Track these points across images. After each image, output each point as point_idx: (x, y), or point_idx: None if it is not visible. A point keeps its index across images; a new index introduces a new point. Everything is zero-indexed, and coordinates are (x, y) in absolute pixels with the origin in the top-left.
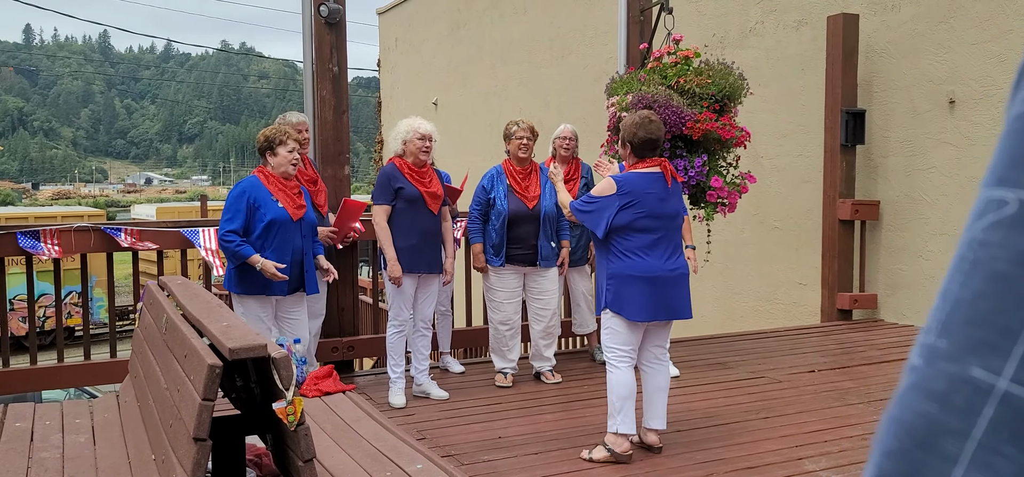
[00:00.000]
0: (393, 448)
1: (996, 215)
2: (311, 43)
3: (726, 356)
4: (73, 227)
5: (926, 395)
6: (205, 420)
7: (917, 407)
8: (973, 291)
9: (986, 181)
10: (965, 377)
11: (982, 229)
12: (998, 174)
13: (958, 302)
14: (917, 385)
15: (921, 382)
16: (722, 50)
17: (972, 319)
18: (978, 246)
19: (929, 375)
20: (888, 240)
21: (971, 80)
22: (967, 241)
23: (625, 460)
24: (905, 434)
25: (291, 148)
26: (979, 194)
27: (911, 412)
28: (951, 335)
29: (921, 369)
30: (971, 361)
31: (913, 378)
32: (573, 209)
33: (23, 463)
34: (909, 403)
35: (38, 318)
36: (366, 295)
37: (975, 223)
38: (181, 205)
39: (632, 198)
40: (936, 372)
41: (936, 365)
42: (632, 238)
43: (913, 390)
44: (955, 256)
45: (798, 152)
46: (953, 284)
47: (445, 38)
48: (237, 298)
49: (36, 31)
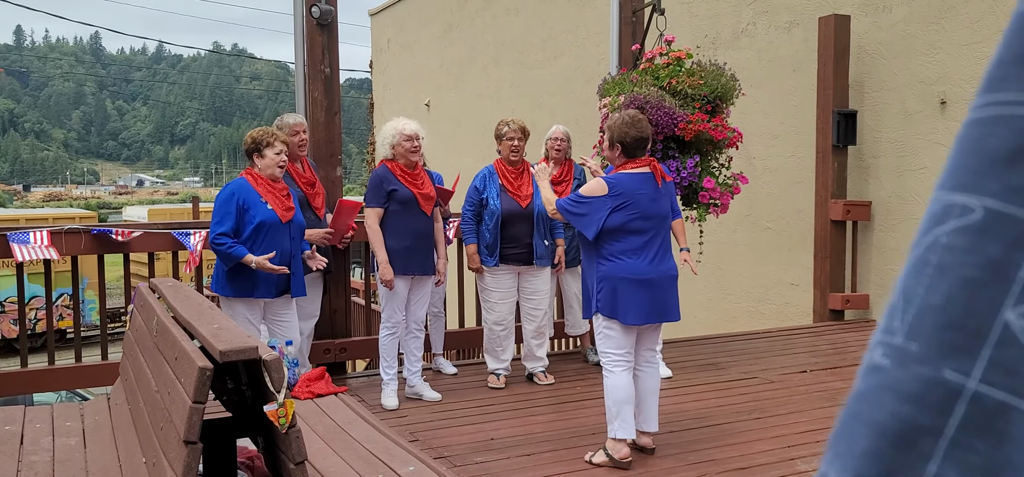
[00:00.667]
0: (385, 450)
1: (960, 221)
2: (303, 44)
3: (718, 357)
4: (64, 229)
5: (900, 397)
6: (196, 423)
7: (892, 408)
8: (943, 296)
9: (944, 184)
10: (938, 380)
11: (946, 234)
12: (958, 179)
13: (927, 306)
14: (889, 386)
15: (893, 384)
16: (714, 51)
17: (943, 323)
18: (943, 251)
19: (902, 377)
20: (880, 241)
21: (962, 81)
22: (929, 244)
23: (624, 466)
24: (881, 435)
25: (278, 150)
26: (935, 196)
27: (886, 413)
28: (922, 339)
29: (891, 371)
30: (944, 364)
31: (881, 379)
32: (560, 209)
33: (13, 466)
34: (882, 404)
35: (29, 320)
36: (358, 297)
37: (936, 227)
38: (173, 206)
39: (625, 199)
40: (909, 375)
41: (908, 368)
42: (623, 240)
43: (884, 391)
44: (913, 258)
45: (790, 153)
46: (916, 286)
47: (437, 39)
48: (225, 301)
49: (27, 32)
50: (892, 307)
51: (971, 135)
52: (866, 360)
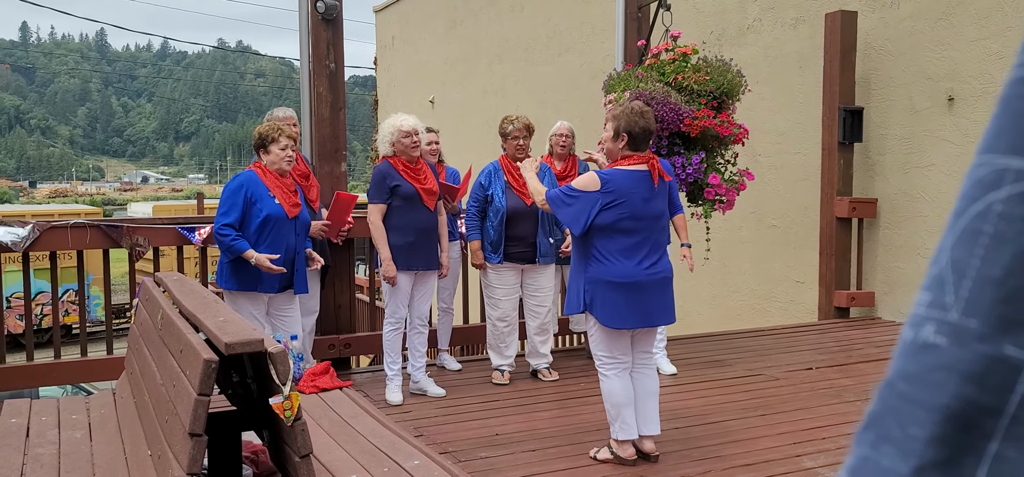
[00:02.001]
0: (390, 444)
1: (1018, 187)
2: (308, 39)
3: (723, 354)
4: (69, 224)
5: (963, 377)
6: (201, 415)
7: (955, 391)
8: (1003, 268)
9: (992, 147)
10: (1000, 357)
11: (1002, 201)
12: (1010, 141)
13: (983, 279)
14: (949, 366)
15: (954, 364)
16: (720, 47)
17: (1003, 298)
18: (999, 219)
19: (961, 357)
20: (886, 238)
21: (970, 77)
22: (981, 212)
23: (628, 462)
24: (947, 420)
25: (284, 146)
26: (984, 161)
27: (949, 396)
28: (981, 315)
29: (948, 349)
30: (1005, 340)
31: (938, 359)
32: (549, 200)
33: (19, 459)
34: (944, 386)
35: (35, 316)
36: (363, 293)
37: (989, 193)
38: (177, 203)
39: (616, 197)
40: (970, 354)
41: (969, 346)
42: (613, 239)
43: (944, 371)
44: (964, 227)
45: (796, 150)
46: (970, 258)
47: (442, 36)
48: (229, 295)
49: (33, 29)
50: (939, 280)
51: (1020, 93)
52: (912, 337)
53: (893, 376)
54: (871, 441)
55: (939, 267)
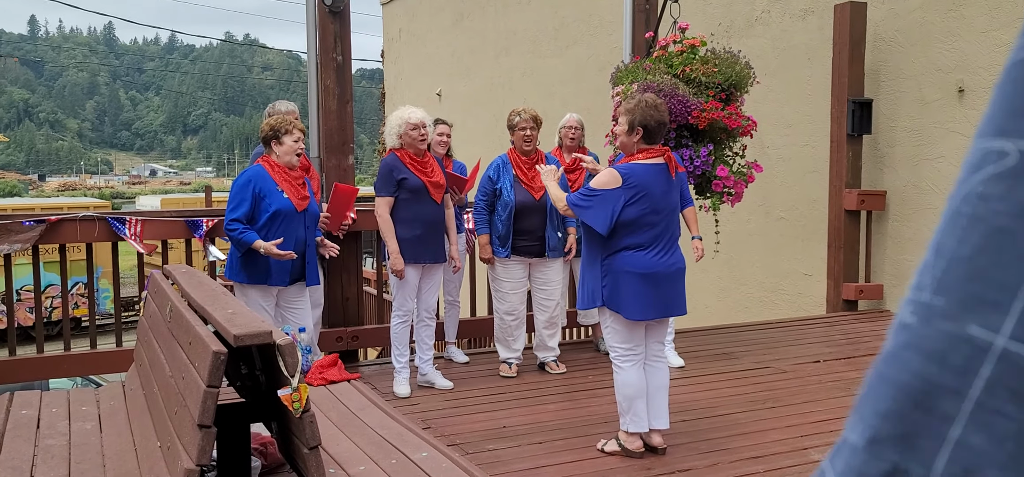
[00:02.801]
0: (398, 436)
1: (996, 167)
2: (315, 32)
3: (731, 346)
4: (78, 217)
5: (924, 355)
6: (210, 407)
7: (914, 367)
8: (972, 247)
9: (982, 131)
10: (963, 336)
11: (981, 182)
12: (996, 124)
13: (955, 258)
14: (912, 344)
15: (917, 342)
16: (728, 39)
17: (970, 275)
18: (977, 200)
19: (925, 334)
20: (894, 230)
21: (980, 68)
22: (964, 195)
23: (636, 455)
24: (903, 395)
25: (296, 138)
26: (974, 145)
27: (908, 373)
28: (948, 293)
29: (916, 328)
30: (969, 319)
31: (906, 337)
32: (571, 204)
33: (29, 450)
34: (905, 363)
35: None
36: (370, 286)
37: (972, 175)
38: (186, 196)
39: (639, 191)
40: (933, 331)
41: (932, 324)
42: (636, 234)
43: (908, 349)
44: (949, 210)
45: (804, 142)
46: (948, 239)
47: (449, 29)
48: (239, 288)
49: (41, 22)
50: (924, 263)
51: (1012, 77)
52: (895, 319)
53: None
54: (851, 422)
55: (927, 252)
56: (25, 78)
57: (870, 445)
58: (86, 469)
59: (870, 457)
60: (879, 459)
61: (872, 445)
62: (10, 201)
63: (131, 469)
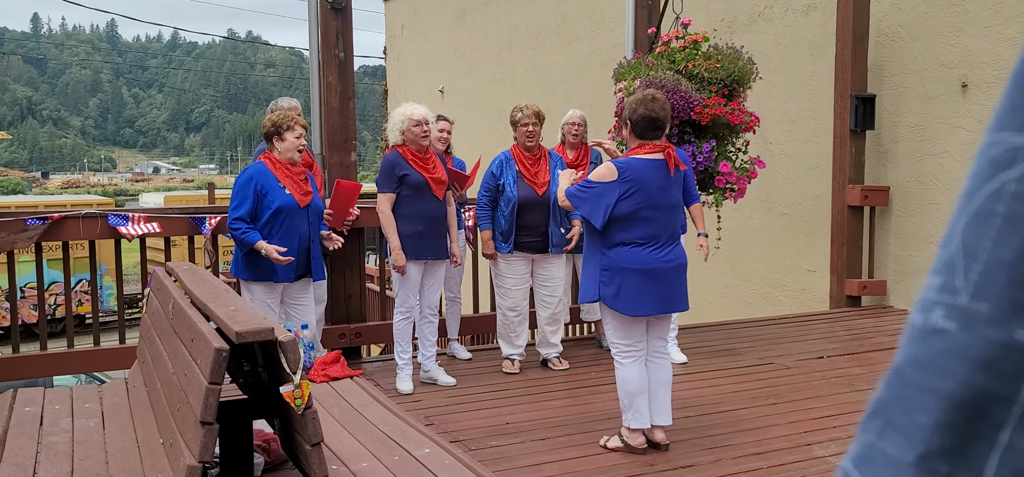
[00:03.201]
0: (401, 433)
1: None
2: (317, 29)
3: (734, 343)
4: (81, 214)
5: (971, 363)
6: (212, 404)
7: (961, 376)
8: (1014, 251)
9: (1004, 124)
10: (1012, 342)
11: (1015, 180)
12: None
13: (994, 262)
14: (956, 352)
15: (961, 349)
16: (731, 34)
17: (1015, 281)
18: (1011, 199)
19: (970, 342)
20: (898, 226)
21: (984, 63)
22: (994, 192)
23: (639, 451)
24: (952, 406)
25: (298, 134)
26: (995, 139)
27: (955, 382)
28: (992, 298)
29: (957, 335)
30: (1017, 325)
31: (945, 343)
32: (569, 196)
33: (33, 447)
34: (952, 372)
35: (48, 306)
36: (373, 283)
37: (1002, 172)
38: (189, 193)
39: (634, 186)
40: (978, 339)
41: (977, 331)
42: (632, 229)
43: (951, 357)
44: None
45: (807, 138)
46: (981, 240)
47: (451, 25)
48: (244, 285)
49: (44, 20)
50: (950, 263)
51: None
52: (921, 322)
53: (901, 362)
54: (877, 429)
55: (950, 250)
56: (28, 75)
57: (922, 461)
58: (89, 466)
59: (922, 472)
60: (932, 474)
61: (924, 461)
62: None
63: (134, 466)
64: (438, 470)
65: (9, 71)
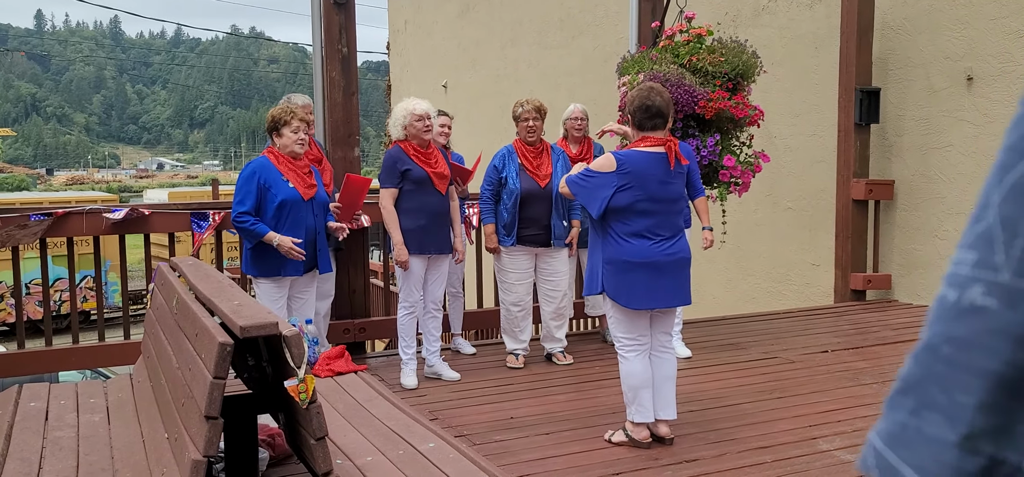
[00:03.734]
0: (405, 427)
1: None
2: (320, 24)
3: (738, 337)
4: (85, 210)
5: (1016, 342)
6: (216, 398)
7: (1006, 355)
8: None
9: None
10: None
11: None
12: None
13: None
14: (999, 330)
15: (1006, 327)
16: (735, 28)
17: None
18: None
19: (1016, 320)
20: (903, 220)
21: (990, 56)
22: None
23: (643, 446)
24: (996, 385)
25: (296, 128)
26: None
27: (999, 361)
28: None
29: (1000, 312)
30: None
31: (987, 322)
32: (568, 182)
33: (38, 442)
34: (995, 351)
35: (53, 302)
36: (377, 278)
37: None
38: (193, 189)
39: (631, 179)
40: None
41: (1021, 308)
42: (630, 221)
43: (994, 336)
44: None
45: (812, 131)
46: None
47: (454, 20)
48: (254, 281)
49: (47, 16)
50: (987, 238)
51: None
52: (956, 298)
53: (935, 339)
54: (911, 407)
55: (986, 224)
56: (32, 72)
57: (966, 441)
58: (94, 461)
59: (966, 453)
60: (976, 454)
61: (968, 441)
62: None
63: (139, 461)
64: (443, 464)
65: (13, 68)
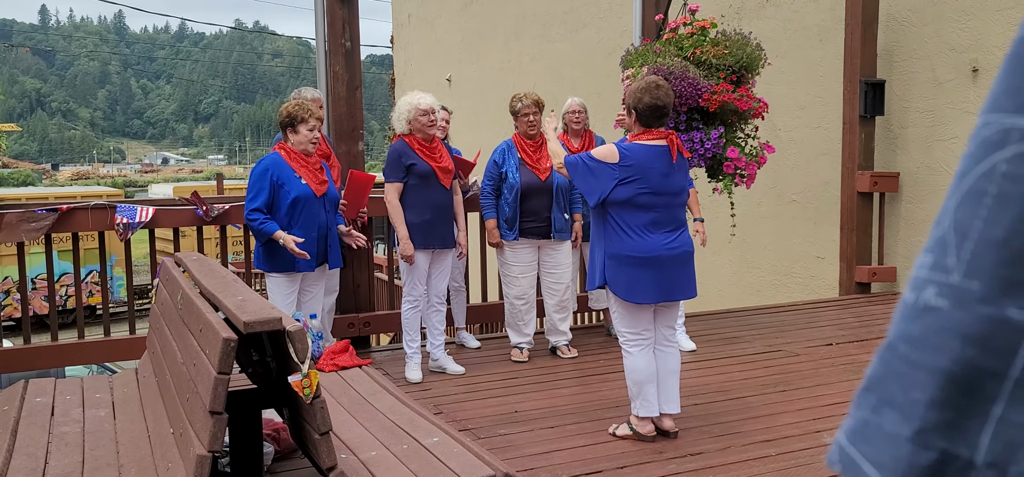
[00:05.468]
0: (410, 421)
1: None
2: (323, 18)
3: (743, 330)
4: (90, 205)
5: (963, 340)
6: (221, 393)
7: (955, 353)
8: (1005, 229)
9: (998, 106)
10: (1003, 319)
11: (1007, 160)
12: (1017, 101)
13: (985, 240)
14: (948, 329)
15: (953, 326)
16: (739, 20)
17: (1006, 260)
18: (1003, 179)
19: (964, 319)
20: (908, 212)
21: (995, 47)
22: (985, 172)
23: (648, 439)
24: (947, 382)
25: (312, 127)
26: (987, 120)
27: (948, 359)
28: (983, 276)
29: (950, 312)
30: (1007, 302)
31: (938, 321)
32: (567, 164)
33: (44, 437)
34: (945, 349)
35: (59, 297)
36: (382, 272)
37: (994, 153)
38: (198, 184)
39: (633, 173)
40: (970, 316)
41: (970, 308)
42: (632, 215)
43: (944, 334)
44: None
45: (816, 124)
46: (973, 219)
47: (458, 13)
48: (266, 276)
49: (52, 12)
50: (942, 242)
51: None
52: (913, 300)
53: (894, 338)
54: (872, 404)
55: (942, 229)
56: (37, 67)
57: (919, 436)
58: (100, 456)
59: (919, 448)
60: (928, 449)
61: (921, 435)
62: (24, 190)
63: (144, 455)
64: (447, 459)
65: (18, 63)
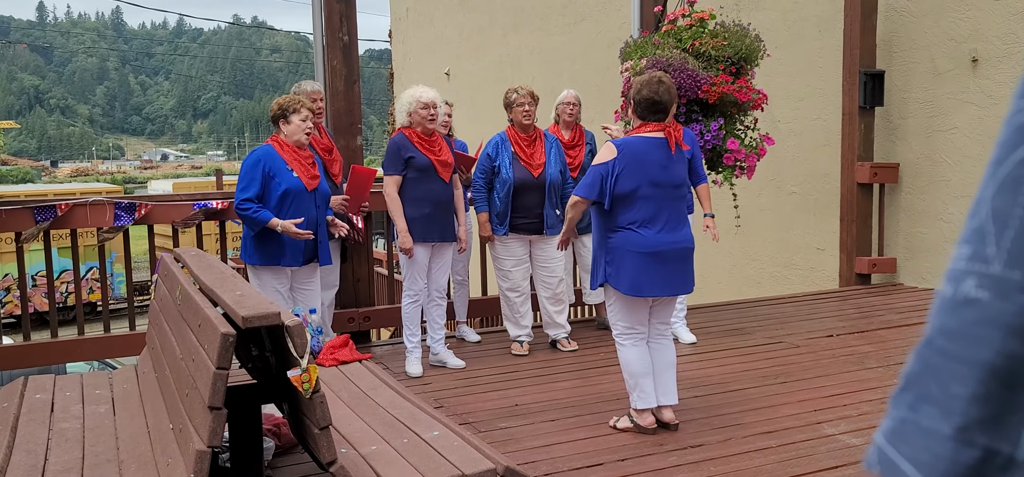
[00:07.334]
0: (410, 415)
1: None
2: (321, 13)
3: (743, 322)
4: (88, 201)
5: (1006, 331)
6: (220, 389)
7: (997, 345)
8: None
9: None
10: None
11: None
12: None
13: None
14: (990, 320)
15: (995, 317)
16: (737, 12)
17: None
18: None
19: (1006, 310)
20: (908, 203)
21: (995, 38)
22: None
23: (648, 431)
24: (989, 376)
25: (304, 117)
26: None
27: (991, 351)
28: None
29: (991, 303)
30: None
31: (979, 313)
32: (575, 193)
33: (44, 433)
34: (986, 341)
35: (59, 294)
36: (381, 267)
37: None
38: (197, 179)
39: (631, 164)
40: (1014, 306)
41: (1012, 298)
42: (632, 209)
43: (986, 326)
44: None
45: (816, 115)
46: (1014, 207)
47: (456, 7)
48: (252, 270)
49: (49, 8)
50: (980, 231)
51: None
52: (952, 292)
53: (932, 334)
54: (909, 402)
55: (979, 219)
56: (35, 64)
57: (960, 433)
58: (100, 452)
59: (961, 445)
60: (970, 446)
61: (963, 432)
62: (23, 188)
63: (144, 451)
64: (448, 452)
65: (16, 60)
